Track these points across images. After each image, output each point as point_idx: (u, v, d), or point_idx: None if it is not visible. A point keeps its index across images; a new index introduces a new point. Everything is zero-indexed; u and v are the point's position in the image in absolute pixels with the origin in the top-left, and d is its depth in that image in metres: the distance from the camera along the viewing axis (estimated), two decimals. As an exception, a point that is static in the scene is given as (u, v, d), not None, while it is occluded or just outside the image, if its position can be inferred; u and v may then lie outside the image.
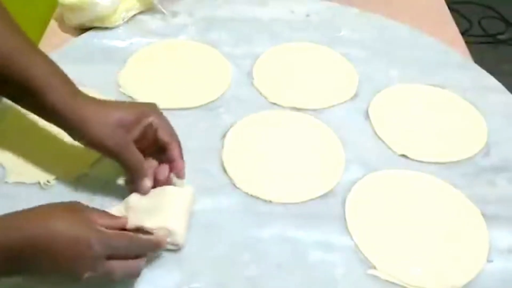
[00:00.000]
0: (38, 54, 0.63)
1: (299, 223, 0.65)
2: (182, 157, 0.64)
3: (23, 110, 0.73)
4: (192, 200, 0.63)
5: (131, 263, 0.54)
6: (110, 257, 0.52)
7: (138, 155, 0.62)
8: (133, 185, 0.62)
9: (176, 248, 0.60)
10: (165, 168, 0.64)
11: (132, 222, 0.58)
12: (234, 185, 0.68)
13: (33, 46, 0.64)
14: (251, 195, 0.67)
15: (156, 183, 0.63)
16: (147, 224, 0.58)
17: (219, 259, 0.61)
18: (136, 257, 0.55)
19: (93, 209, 0.56)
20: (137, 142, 0.62)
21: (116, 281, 0.54)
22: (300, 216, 0.66)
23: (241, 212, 0.66)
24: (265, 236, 0.63)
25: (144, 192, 0.62)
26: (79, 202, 0.56)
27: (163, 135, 0.63)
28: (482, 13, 2.19)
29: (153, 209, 0.60)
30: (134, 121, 0.62)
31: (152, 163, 0.64)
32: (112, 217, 0.57)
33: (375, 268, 0.61)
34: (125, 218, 0.58)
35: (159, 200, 0.62)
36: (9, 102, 0.75)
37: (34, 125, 0.72)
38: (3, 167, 0.68)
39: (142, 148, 0.62)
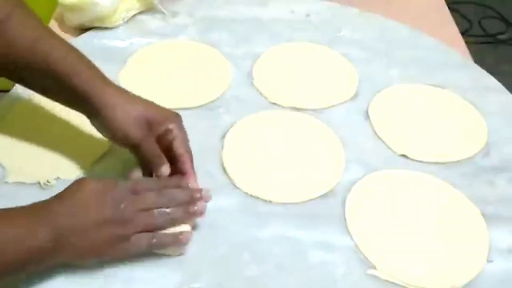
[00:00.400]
0: (62, 42, 0.65)
1: (299, 223, 0.65)
2: (194, 171, 0.64)
3: (23, 111, 0.73)
4: None
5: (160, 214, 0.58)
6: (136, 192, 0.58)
7: (157, 146, 0.63)
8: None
9: (178, 254, 0.60)
10: None
11: None
12: (234, 185, 0.68)
13: (56, 34, 0.65)
14: (251, 195, 0.67)
15: None
16: None
17: (219, 259, 0.61)
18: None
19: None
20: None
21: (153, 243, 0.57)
22: (300, 216, 0.66)
23: (241, 212, 0.66)
24: (265, 236, 0.63)
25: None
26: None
27: (178, 146, 0.63)
28: (482, 13, 2.19)
29: None
30: (157, 122, 0.63)
31: None
32: None
33: (375, 268, 0.61)
34: None
35: None
36: (8, 102, 0.75)
37: (34, 125, 0.72)
38: (3, 167, 0.68)
39: None
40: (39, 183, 0.66)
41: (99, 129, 0.64)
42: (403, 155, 0.74)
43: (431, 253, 0.63)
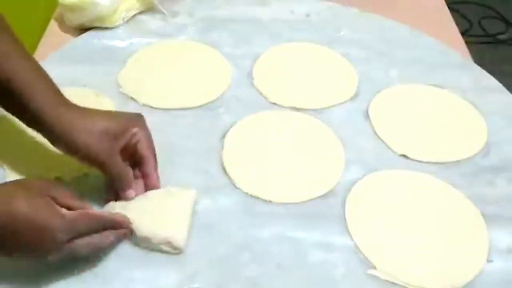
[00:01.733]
0: (25, 58, 0.63)
1: (299, 223, 0.65)
2: (156, 171, 0.64)
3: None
4: (194, 202, 0.64)
5: (94, 239, 0.56)
6: (73, 237, 0.54)
7: (123, 165, 0.62)
8: (115, 194, 0.62)
9: (177, 252, 0.60)
10: (140, 184, 0.64)
11: (133, 223, 0.59)
12: (234, 185, 0.68)
13: (21, 50, 0.63)
14: (251, 195, 0.67)
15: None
16: (148, 227, 0.59)
17: (219, 259, 0.61)
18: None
19: (57, 186, 0.57)
20: (120, 152, 0.62)
21: (80, 258, 0.56)
22: (300, 216, 0.66)
23: (241, 212, 0.66)
24: (265, 236, 0.63)
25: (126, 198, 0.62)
26: (42, 180, 0.57)
27: (142, 148, 0.63)
28: (482, 13, 2.19)
29: (154, 211, 0.61)
30: (120, 131, 0.61)
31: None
32: (75, 202, 0.57)
33: (375, 268, 0.61)
34: (88, 207, 0.58)
35: (161, 202, 0.62)
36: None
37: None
38: (3, 167, 0.68)
39: (123, 159, 0.62)
40: (39, 183, 0.66)
41: (64, 152, 0.62)
42: (403, 155, 0.74)
43: (431, 253, 0.63)
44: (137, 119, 0.64)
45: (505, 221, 0.67)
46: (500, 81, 0.87)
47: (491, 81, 0.87)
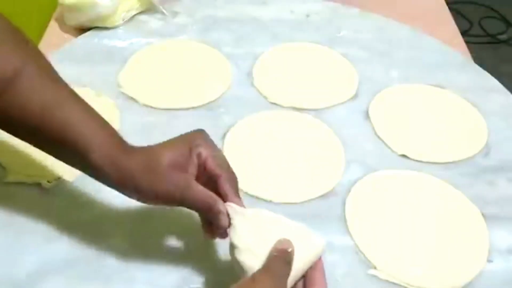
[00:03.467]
0: (77, 104, 0.55)
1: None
2: (237, 192, 0.56)
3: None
4: (317, 257, 0.53)
5: None
6: None
7: (205, 191, 0.53)
8: (211, 231, 0.56)
9: None
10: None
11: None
12: (234, 185, 0.68)
13: (73, 96, 0.56)
14: (251, 195, 0.67)
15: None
16: (253, 260, 0.52)
17: (219, 259, 0.61)
18: None
19: None
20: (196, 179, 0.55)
21: None
22: (300, 216, 0.65)
23: (241, 212, 0.66)
24: (265, 236, 0.63)
25: (225, 230, 0.54)
26: None
27: (212, 166, 0.55)
28: (482, 13, 2.19)
29: (266, 246, 0.51)
30: (186, 157, 0.55)
31: None
32: None
33: (375, 268, 0.61)
34: None
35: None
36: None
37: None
38: (3, 167, 0.68)
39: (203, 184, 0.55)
40: (39, 183, 0.66)
41: (141, 201, 0.55)
42: (403, 155, 0.74)
43: (431, 253, 0.63)
44: (199, 137, 0.57)
45: (505, 221, 0.67)
46: (500, 81, 0.87)
47: (491, 81, 0.87)
